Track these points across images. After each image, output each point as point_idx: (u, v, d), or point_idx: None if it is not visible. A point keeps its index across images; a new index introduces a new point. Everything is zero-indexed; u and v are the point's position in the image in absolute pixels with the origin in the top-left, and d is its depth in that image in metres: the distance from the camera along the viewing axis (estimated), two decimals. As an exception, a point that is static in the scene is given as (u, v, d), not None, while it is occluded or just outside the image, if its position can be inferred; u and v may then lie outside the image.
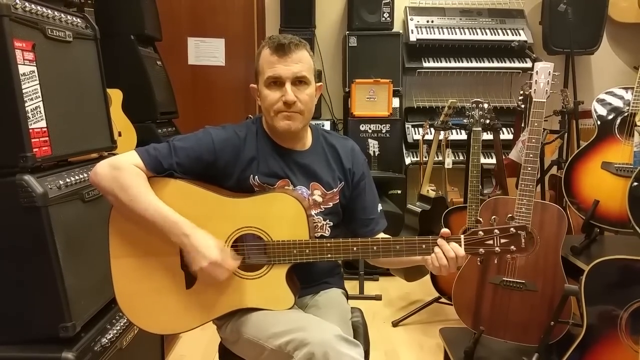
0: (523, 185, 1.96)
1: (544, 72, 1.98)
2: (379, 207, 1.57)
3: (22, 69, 1.38)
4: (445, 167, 3.24)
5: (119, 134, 2.64)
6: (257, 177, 1.42)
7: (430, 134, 3.37)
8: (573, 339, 1.74)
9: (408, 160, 3.79)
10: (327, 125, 3.64)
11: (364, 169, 1.55)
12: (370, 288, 3.27)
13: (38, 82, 1.44)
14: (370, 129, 3.61)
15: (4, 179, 1.39)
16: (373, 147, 3.55)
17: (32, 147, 1.39)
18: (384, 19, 3.68)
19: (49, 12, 1.53)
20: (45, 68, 1.47)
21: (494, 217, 1.32)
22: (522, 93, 2.67)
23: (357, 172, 1.53)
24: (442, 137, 3.22)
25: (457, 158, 3.47)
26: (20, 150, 1.38)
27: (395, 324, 2.82)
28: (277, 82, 1.38)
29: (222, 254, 1.27)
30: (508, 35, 3.76)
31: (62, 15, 1.60)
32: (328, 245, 1.33)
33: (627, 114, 2.13)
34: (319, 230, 1.47)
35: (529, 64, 3.69)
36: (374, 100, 3.62)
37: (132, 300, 1.36)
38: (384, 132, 3.62)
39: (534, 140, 1.98)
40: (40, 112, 1.44)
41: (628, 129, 2.12)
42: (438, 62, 3.80)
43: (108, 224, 1.34)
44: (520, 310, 2.02)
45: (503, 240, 1.29)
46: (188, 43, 4.02)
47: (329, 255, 1.33)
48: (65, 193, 1.49)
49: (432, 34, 3.75)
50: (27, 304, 1.45)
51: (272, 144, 1.46)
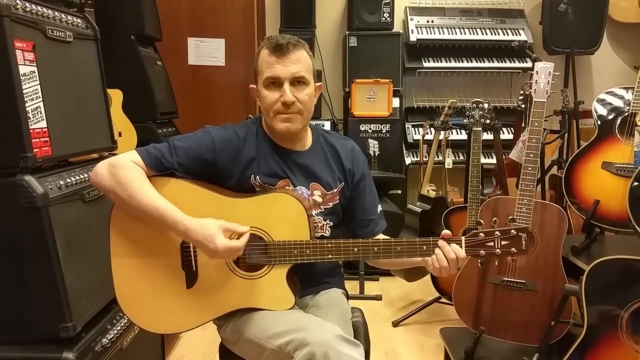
0: (523, 185, 1.96)
1: (544, 72, 1.98)
2: (379, 207, 1.57)
3: (22, 69, 1.38)
4: (446, 167, 3.24)
5: (119, 134, 2.64)
6: (258, 177, 1.42)
7: (431, 134, 3.37)
8: (573, 339, 1.74)
9: (408, 160, 3.79)
10: (327, 126, 3.63)
11: (364, 170, 1.55)
12: (371, 288, 3.27)
13: (38, 82, 1.44)
14: (371, 129, 3.61)
15: (5, 179, 1.39)
16: (373, 147, 3.55)
17: (32, 147, 1.39)
18: (384, 19, 3.68)
19: (50, 12, 1.53)
20: (46, 68, 1.47)
21: (495, 218, 1.31)
22: (522, 93, 2.68)
23: (357, 172, 1.53)
24: (442, 137, 3.22)
25: (457, 158, 3.47)
26: (21, 151, 1.38)
27: (396, 324, 2.81)
28: (275, 82, 1.38)
29: (225, 240, 1.25)
30: (508, 35, 3.76)
31: (62, 16, 1.60)
32: (329, 246, 1.33)
33: (627, 114, 2.13)
34: (320, 231, 1.47)
35: (529, 64, 3.69)
36: (374, 100, 3.62)
37: (132, 300, 1.36)
38: (384, 132, 3.61)
39: (534, 140, 1.98)
40: (41, 112, 1.44)
41: (628, 129, 2.12)
42: (438, 62, 3.80)
43: (109, 224, 1.34)
44: (521, 310, 2.02)
45: (504, 242, 1.29)
46: (188, 43, 4.02)
47: (330, 256, 1.33)
48: (66, 193, 1.49)
49: (432, 34, 3.75)
50: (27, 304, 1.45)
51: (271, 144, 1.46)
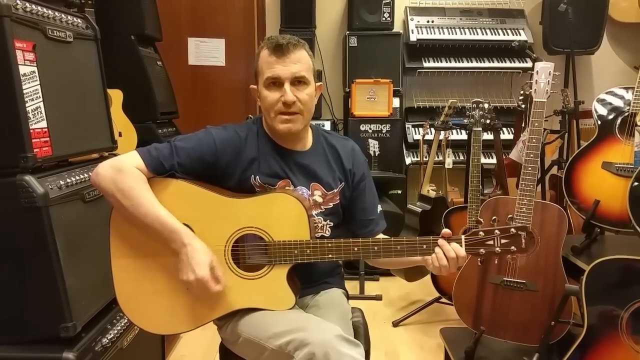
0: (523, 185, 1.95)
1: (544, 72, 1.98)
2: (379, 208, 1.57)
3: (22, 69, 1.38)
4: (446, 167, 3.24)
5: (120, 134, 2.64)
6: (258, 177, 1.42)
7: (431, 134, 3.37)
8: (574, 339, 1.74)
9: (408, 160, 3.79)
10: (327, 126, 3.63)
11: (364, 170, 1.55)
12: (371, 288, 3.27)
13: (39, 82, 1.44)
14: (371, 129, 3.61)
15: (5, 179, 1.39)
16: (373, 147, 3.55)
17: (32, 147, 1.39)
18: (384, 19, 3.67)
19: (50, 12, 1.53)
20: (46, 68, 1.47)
21: (495, 217, 1.32)
22: (522, 93, 2.68)
23: (357, 172, 1.53)
24: (442, 137, 3.22)
25: (457, 158, 3.47)
26: (21, 151, 1.38)
27: (396, 324, 2.82)
28: (276, 82, 1.38)
29: (210, 275, 1.26)
30: (508, 35, 3.76)
31: (62, 16, 1.60)
32: (329, 246, 1.33)
33: (627, 114, 2.13)
34: (320, 231, 1.47)
35: (529, 64, 3.69)
36: (374, 100, 3.62)
37: (132, 301, 1.36)
38: (384, 132, 3.61)
39: (535, 140, 1.98)
40: (41, 112, 1.44)
41: (628, 129, 2.12)
42: (438, 62, 3.80)
43: (109, 225, 1.34)
44: (521, 310, 2.02)
45: (504, 241, 1.29)
46: (188, 43, 4.02)
47: (330, 256, 1.33)
48: (66, 193, 1.49)
49: (432, 34, 3.75)
50: (27, 304, 1.45)
51: (272, 144, 1.46)
